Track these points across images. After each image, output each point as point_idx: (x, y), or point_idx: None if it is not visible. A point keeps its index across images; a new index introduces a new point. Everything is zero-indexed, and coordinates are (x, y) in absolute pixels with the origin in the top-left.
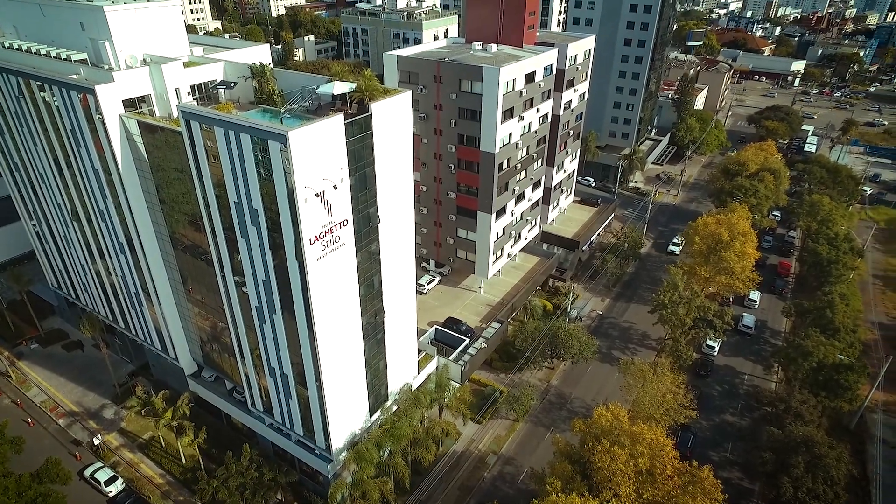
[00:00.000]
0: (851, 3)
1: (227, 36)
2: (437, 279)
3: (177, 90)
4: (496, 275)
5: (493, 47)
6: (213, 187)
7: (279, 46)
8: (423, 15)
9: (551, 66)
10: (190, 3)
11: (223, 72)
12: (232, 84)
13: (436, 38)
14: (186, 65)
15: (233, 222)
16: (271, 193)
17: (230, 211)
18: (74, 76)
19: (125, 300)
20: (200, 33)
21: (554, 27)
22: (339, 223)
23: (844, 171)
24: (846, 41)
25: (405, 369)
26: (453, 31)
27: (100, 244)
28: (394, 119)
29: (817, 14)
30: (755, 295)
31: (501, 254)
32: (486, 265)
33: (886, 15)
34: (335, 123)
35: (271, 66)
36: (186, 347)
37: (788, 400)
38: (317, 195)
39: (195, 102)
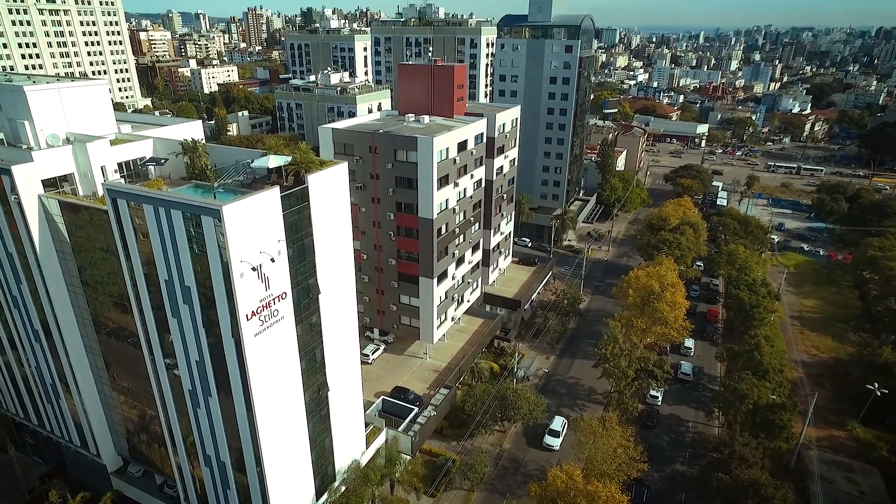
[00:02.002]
0: (739, 74)
1: (157, 113)
2: (382, 348)
3: (103, 168)
4: (441, 339)
5: (426, 118)
6: (142, 266)
7: (212, 122)
8: (357, 90)
9: (482, 134)
10: (118, 80)
11: (153, 148)
12: (162, 160)
13: (370, 111)
14: (113, 142)
15: (163, 301)
16: (205, 269)
17: (160, 289)
18: None
19: (39, 393)
20: (129, 111)
21: (482, 98)
22: (278, 296)
23: (754, 222)
24: (739, 107)
25: (352, 445)
26: (386, 105)
27: (11, 333)
28: (331, 190)
29: (713, 84)
30: (690, 342)
31: (445, 318)
32: (430, 330)
33: (769, 84)
34: (271, 196)
35: (204, 141)
36: (110, 441)
37: (732, 444)
38: (253, 269)
39: (122, 180)
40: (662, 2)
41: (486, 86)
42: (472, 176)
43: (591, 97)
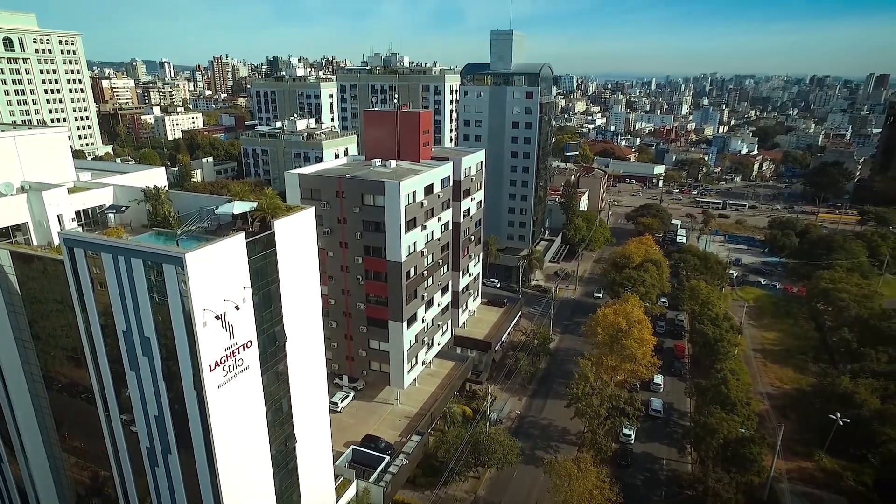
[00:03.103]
0: (690, 118)
1: (119, 160)
2: (352, 395)
3: (59, 217)
4: (412, 384)
5: (393, 163)
6: (99, 317)
7: (175, 169)
8: (323, 135)
9: (448, 178)
10: (79, 128)
11: (114, 196)
12: (123, 208)
13: (336, 157)
14: (72, 190)
15: (121, 353)
16: (166, 319)
17: (118, 341)
18: None
19: None
20: (89, 158)
21: (447, 143)
22: (243, 345)
23: (713, 258)
24: (692, 148)
25: (322, 499)
26: (353, 150)
27: None
28: (298, 235)
29: (666, 127)
30: (659, 379)
31: (416, 361)
32: (401, 375)
33: (718, 127)
34: (236, 243)
35: (167, 188)
36: None
37: (705, 480)
38: (217, 317)
39: (80, 229)
40: (615, 51)
41: (452, 130)
42: (439, 218)
43: (553, 140)
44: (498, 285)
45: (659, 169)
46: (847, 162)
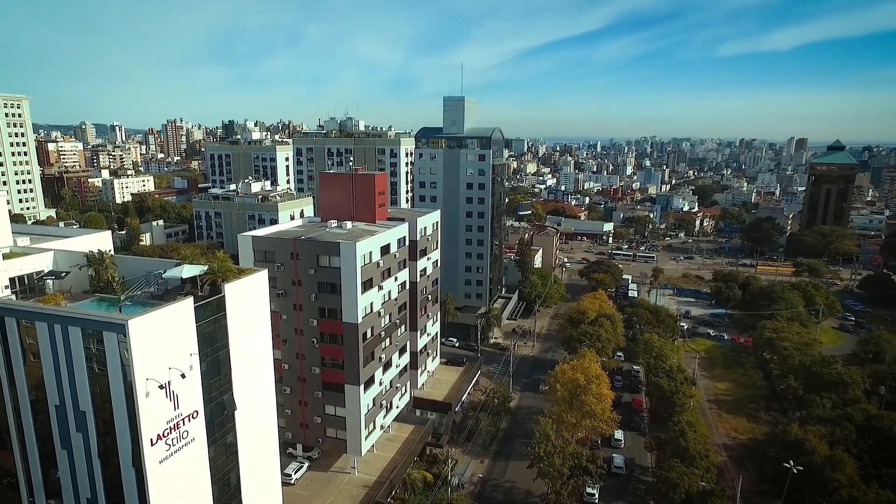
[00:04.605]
0: (635, 178)
1: (62, 224)
2: (306, 465)
3: None
4: (370, 450)
5: (348, 224)
6: (29, 391)
7: (123, 232)
8: (279, 197)
9: (404, 238)
10: (20, 191)
11: (53, 261)
12: (62, 274)
13: (292, 218)
14: (7, 256)
15: (51, 430)
16: (104, 391)
17: (49, 417)
18: None
19: None
20: (29, 222)
21: (403, 204)
22: (188, 416)
23: (664, 311)
24: (638, 207)
25: None
26: (309, 212)
27: None
28: (250, 298)
29: (613, 187)
30: (619, 434)
31: (374, 426)
32: (358, 441)
33: (661, 186)
34: (183, 307)
35: (112, 252)
36: None
37: None
38: (161, 387)
39: (13, 296)
40: (563, 115)
41: (407, 192)
42: (396, 278)
43: (506, 200)
44: (456, 344)
45: (608, 226)
46: (778, 217)
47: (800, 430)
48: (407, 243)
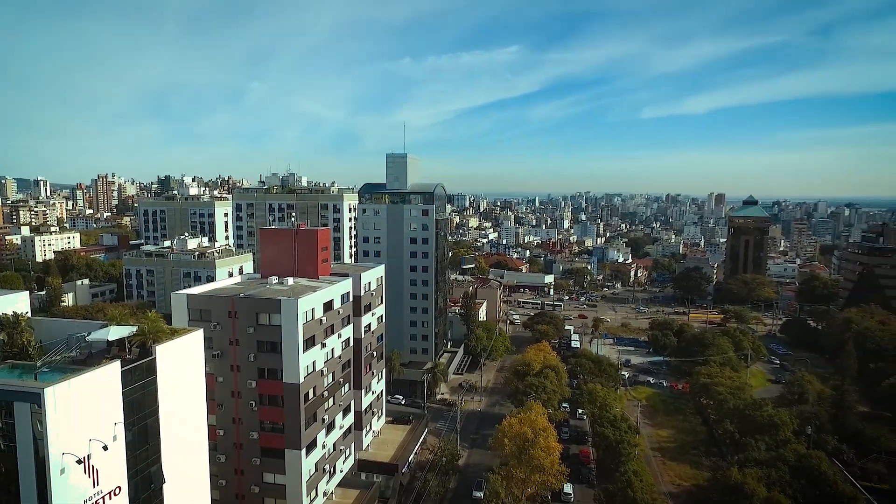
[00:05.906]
0: (572, 231)
1: None
2: None
3: None
4: None
5: (290, 280)
6: None
7: (43, 293)
8: (217, 254)
9: (348, 293)
10: None
11: None
12: None
13: (231, 275)
14: None
15: None
16: (10, 471)
17: None
18: None
19: None
20: None
21: (347, 259)
22: (109, 493)
23: (605, 361)
24: (577, 259)
25: None
26: (248, 268)
27: None
28: (183, 360)
29: (552, 240)
30: (568, 488)
31: (317, 494)
32: None
33: (596, 239)
34: (108, 373)
35: (29, 314)
36: None
37: None
38: (79, 461)
39: None
40: (502, 172)
41: (351, 247)
42: (339, 335)
43: (450, 254)
44: (402, 401)
45: (549, 278)
46: (704, 267)
47: (738, 473)
48: (351, 299)
